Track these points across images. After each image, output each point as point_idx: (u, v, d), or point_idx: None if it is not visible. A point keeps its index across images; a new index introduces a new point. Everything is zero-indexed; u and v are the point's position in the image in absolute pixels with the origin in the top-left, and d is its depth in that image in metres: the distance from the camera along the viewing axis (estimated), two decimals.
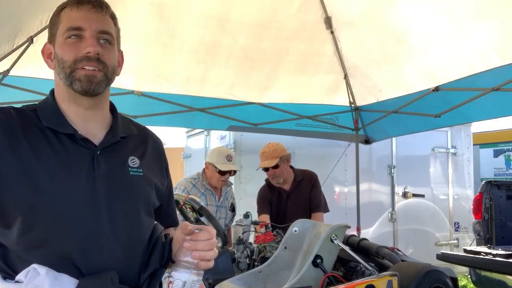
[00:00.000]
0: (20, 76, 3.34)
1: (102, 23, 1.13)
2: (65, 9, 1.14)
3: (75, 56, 1.10)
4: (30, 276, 1.00)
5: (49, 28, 1.17)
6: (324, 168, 4.61)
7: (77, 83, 1.10)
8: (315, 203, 3.39)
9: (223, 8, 3.39)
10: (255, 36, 3.63)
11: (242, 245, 2.32)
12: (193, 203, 2.40)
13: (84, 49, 1.09)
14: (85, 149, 1.11)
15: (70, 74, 1.10)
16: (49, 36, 1.17)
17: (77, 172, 1.07)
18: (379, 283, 1.60)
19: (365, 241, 2.24)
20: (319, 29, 3.69)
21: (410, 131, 4.56)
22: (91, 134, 1.13)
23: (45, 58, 1.17)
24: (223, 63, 3.79)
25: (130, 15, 3.18)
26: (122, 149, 1.18)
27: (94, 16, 1.13)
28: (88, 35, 1.11)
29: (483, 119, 3.99)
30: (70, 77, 1.10)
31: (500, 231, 4.50)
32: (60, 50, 1.12)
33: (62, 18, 1.13)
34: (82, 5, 1.12)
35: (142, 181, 1.18)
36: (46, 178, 1.03)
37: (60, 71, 1.12)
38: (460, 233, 5.75)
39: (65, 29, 1.11)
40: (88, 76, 1.10)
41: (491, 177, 7.82)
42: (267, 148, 3.42)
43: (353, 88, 4.32)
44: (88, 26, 1.11)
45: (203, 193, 3.36)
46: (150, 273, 1.15)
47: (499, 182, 4.69)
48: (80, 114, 1.14)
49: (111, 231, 1.08)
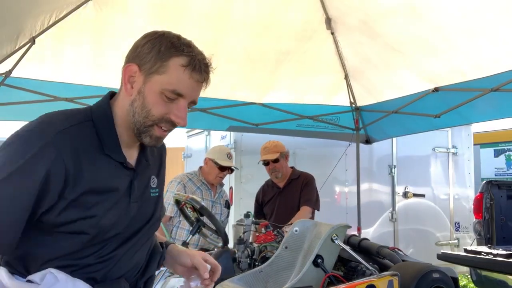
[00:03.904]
0: (22, 77, 3.35)
1: (198, 94, 1.14)
2: (178, 63, 1.07)
3: (163, 115, 1.09)
4: (48, 281, 1.01)
5: (150, 55, 1.08)
6: (325, 168, 4.62)
7: (147, 139, 1.12)
8: (305, 197, 3.45)
9: (224, 9, 3.40)
10: (256, 36, 3.64)
11: (242, 245, 2.33)
12: (193, 203, 2.40)
13: (175, 116, 1.10)
14: (127, 174, 1.14)
15: (148, 126, 1.10)
16: (143, 63, 1.09)
17: (120, 197, 1.12)
18: (379, 283, 1.61)
19: (366, 241, 2.24)
20: (319, 30, 3.70)
21: (410, 131, 4.57)
22: (129, 155, 1.16)
23: (125, 79, 1.11)
24: (224, 64, 3.79)
25: (131, 15, 3.20)
26: (147, 169, 1.23)
27: (197, 88, 1.12)
28: (183, 104, 1.10)
29: (482, 120, 4.01)
30: (145, 129, 1.10)
31: (500, 231, 4.50)
32: (151, 98, 1.08)
33: (172, 71, 1.07)
34: (196, 73, 1.09)
35: (158, 201, 1.26)
36: (99, 204, 1.06)
37: (139, 114, 1.09)
38: (460, 233, 5.75)
39: (169, 88, 1.07)
40: (161, 138, 1.14)
41: (491, 177, 7.82)
42: (268, 143, 3.58)
43: (353, 88, 4.33)
44: (189, 96, 1.11)
45: (199, 187, 3.42)
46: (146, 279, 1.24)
47: (499, 182, 4.70)
48: (128, 143, 1.16)
49: (131, 247, 1.15)
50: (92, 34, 3.27)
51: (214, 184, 3.49)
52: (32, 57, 3.08)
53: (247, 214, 2.55)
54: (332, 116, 4.66)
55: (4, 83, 3.30)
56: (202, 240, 3.03)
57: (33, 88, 3.50)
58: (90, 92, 3.70)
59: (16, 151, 0.98)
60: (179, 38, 1.11)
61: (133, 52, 1.11)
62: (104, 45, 3.35)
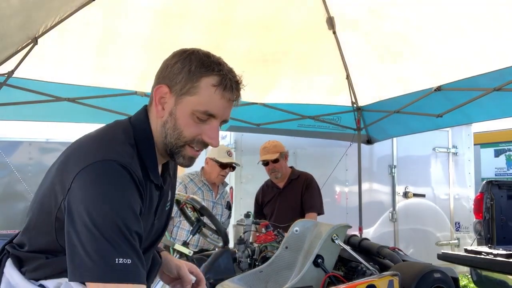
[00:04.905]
0: (24, 77, 3.36)
1: (229, 113, 1.13)
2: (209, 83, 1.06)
3: (195, 136, 1.09)
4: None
5: (180, 76, 1.07)
6: (325, 168, 4.63)
7: (181, 159, 1.12)
8: (310, 203, 3.45)
9: (226, 9, 3.40)
10: (258, 36, 3.65)
11: (243, 245, 2.33)
12: (194, 203, 2.41)
13: (207, 137, 1.09)
14: (158, 193, 1.16)
15: (180, 147, 1.10)
16: (173, 84, 1.07)
17: (151, 216, 1.15)
18: (380, 283, 1.61)
19: (366, 241, 2.24)
20: (321, 30, 3.70)
21: (412, 131, 4.57)
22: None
23: (156, 101, 1.10)
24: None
25: (134, 16, 3.20)
26: (169, 185, 1.25)
27: (229, 107, 1.11)
28: (215, 125, 1.09)
29: (484, 120, 4.01)
30: (177, 150, 1.10)
31: (501, 231, 4.51)
32: (182, 120, 1.07)
33: (203, 91, 1.06)
34: (227, 92, 1.08)
35: (169, 213, 1.29)
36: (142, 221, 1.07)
37: (171, 136, 1.09)
38: (461, 233, 5.76)
39: (201, 109, 1.06)
40: (193, 158, 1.13)
41: (492, 177, 7.81)
42: (267, 143, 3.58)
43: (355, 88, 4.33)
44: (221, 115, 1.10)
45: (200, 188, 3.42)
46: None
47: (500, 182, 4.70)
48: (160, 160, 1.16)
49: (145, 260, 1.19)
50: (95, 35, 3.27)
51: (216, 183, 3.49)
52: (34, 58, 3.09)
53: (247, 214, 2.56)
54: (334, 116, 4.67)
55: (6, 83, 3.30)
56: (202, 240, 3.03)
57: (35, 88, 3.51)
58: (92, 92, 3.71)
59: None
60: (208, 56, 1.10)
61: (163, 72, 1.10)
62: (106, 46, 3.36)
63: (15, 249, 1.10)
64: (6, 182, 7.22)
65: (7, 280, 1.07)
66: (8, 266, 1.09)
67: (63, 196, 0.96)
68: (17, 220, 7.12)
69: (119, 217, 0.92)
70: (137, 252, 0.93)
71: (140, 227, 0.97)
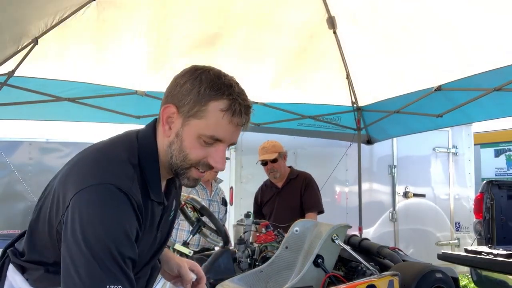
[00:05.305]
0: (24, 76, 3.36)
1: (237, 137, 1.11)
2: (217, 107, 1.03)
3: (200, 159, 1.08)
4: None
5: (189, 98, 1.05)
6: (325, 168, 4.63)
7: (185, 180, 1.11)
8: (309, 203, 3.45)
9: (226, 9, 3.40)
10: (258, 36, 3.65)
11: (243, 245, 2.33)
12: (194, 203, 2.41)
13: (213, 160, 1.08)
14: (160, 209, 1.15)
15: (185, 169, 1.09)
16: (181, 104, 1.06)
17: (153, 231, 1.15)
18: (380, 283, 1.61)
19: (366, 241, 2.24)
20: (321, 29, 3.70)
21: (412, 131, 4.57)
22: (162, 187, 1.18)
23: (163, 120, 1.08)
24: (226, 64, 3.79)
25: (134, 15, 3.20)
26: (174, 198, 1.26)
27: (237, 132, 1.08)
28: (221, 148, 1.08)
29: (485, 119, 4.00)
30: (182, 171, 1.09)
31: (501, 231, 4.51)
32: (188, 142, 1.06)
33: (211, 116, 1.04)
34: (236, 117, 1.05)
35: (172, 221, 1.29)
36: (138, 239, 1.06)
37: (176, 157, 1.08)
38: (461, 233, 5.76)
39: (207, 134, 1.04)
40: (198, 180, 1.13)
41: (492, 177, 7.81)
42: (266, 143, 3.58)
43: (355, 87, 4.33)
44: (228, 140, 1.08)
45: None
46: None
47: (500, 182, 4.70)
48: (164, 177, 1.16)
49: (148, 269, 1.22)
50: (95, 34, 3.27)
51: (209, 180, 3.50)
52: (34, 58, 3.09)
53: (247, 214, 2.56)
54: (334, 116, 4.67)
55: (7, 83, 3.31)
56: (203, 240, 3.03)
57: (36, 88, 3.51)
58: (92, 92, 3.71)
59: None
60: (219, 77, 1.07)
61: (172, 91, 1.08)
62: (106, 45, 3.36)
63: (16, 257, 1.10)
64: (6, 182, 7.23)
65: (10, 284, 1.08)
66: (11, 269, 1.09)
67: (62, 211, 0.97)
68: (17, 220, 7.13)
69: (113, 242, 0.92)
70: (128, 279, 0.93)
71: (134, 253, 0.97)
